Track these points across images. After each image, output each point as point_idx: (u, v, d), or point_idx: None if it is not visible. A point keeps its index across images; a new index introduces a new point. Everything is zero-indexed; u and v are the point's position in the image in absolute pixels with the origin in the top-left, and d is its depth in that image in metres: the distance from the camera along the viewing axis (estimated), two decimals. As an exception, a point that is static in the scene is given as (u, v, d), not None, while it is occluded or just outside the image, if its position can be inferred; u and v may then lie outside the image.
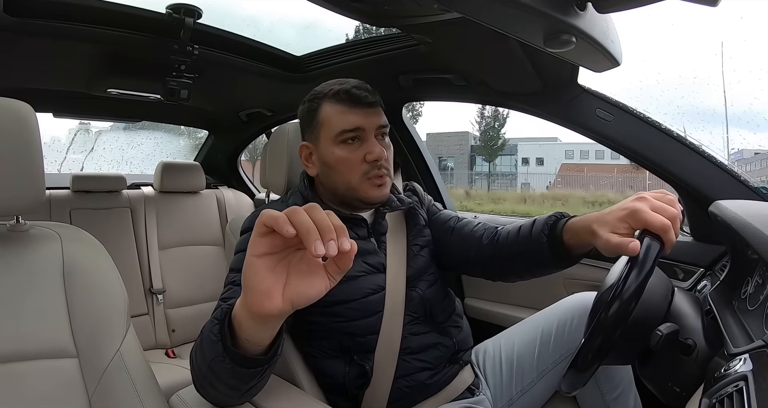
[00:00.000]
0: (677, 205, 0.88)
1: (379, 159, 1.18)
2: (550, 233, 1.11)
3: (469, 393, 1.29)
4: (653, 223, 0.84)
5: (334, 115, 1.19)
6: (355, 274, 1.19)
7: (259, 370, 0.82)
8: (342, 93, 1.18)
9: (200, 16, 1.61)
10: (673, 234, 0.84)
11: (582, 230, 1.02)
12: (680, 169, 1.41)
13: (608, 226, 0.91)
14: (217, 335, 0.79)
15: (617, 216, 0.90)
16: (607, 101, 1.49)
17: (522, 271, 1.26)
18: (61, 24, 1.48)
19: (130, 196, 2.59)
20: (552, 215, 1.15)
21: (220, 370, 0.80)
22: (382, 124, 1.22)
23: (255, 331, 0.76)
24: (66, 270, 0.98)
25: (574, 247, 1.08)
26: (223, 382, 0.85)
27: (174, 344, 2.48)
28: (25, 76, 1.95)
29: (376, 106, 1.21)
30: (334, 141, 1.19)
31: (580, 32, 0.90)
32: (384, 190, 1.22)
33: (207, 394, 0.92)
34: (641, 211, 0.86)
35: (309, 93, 1.26)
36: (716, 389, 0.76)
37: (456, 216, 1.40)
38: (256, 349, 0.79)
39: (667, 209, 0.86)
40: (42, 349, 0.91)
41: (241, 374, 0.80)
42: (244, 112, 2.68)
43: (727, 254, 1.28)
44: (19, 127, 0.93)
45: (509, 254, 1.23)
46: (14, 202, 0.93)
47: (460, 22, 1.10)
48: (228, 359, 0.78)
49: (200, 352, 0.85)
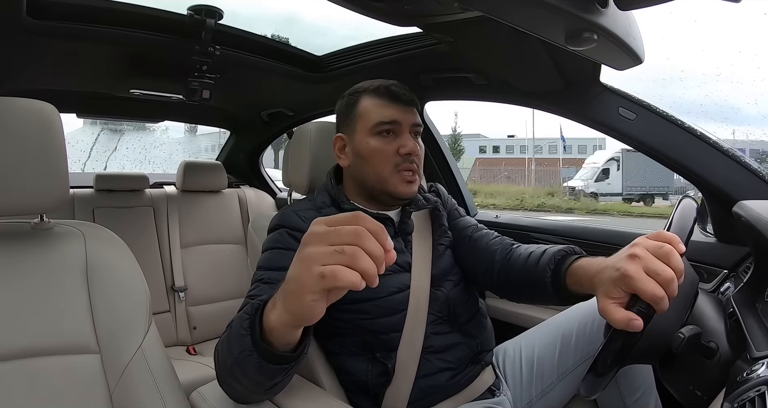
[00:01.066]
0: (675, 258, 0.78)
1: (412, 153, 1.21)
2: (556, 269, 1.10)
3: (490, 394, 1.28)
4: (644, 292, 0.77)
5: (373, 108, 1.23)
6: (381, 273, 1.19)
7: (285, 368, 0.83)
8: (382, 88, 1.23)
9: (221, 17, 1.62)
10: (666, 302, 0.77)
11: (583, 280, 0.99)
12: (704, 168, 1.38)
13: (603, 287, 0.85)
14: (246, 330, 0.80)
15: (611, 277, 0.83)
16: (629, 99, 1.47)
17: (524, 297, 1.27)
18: (84, 26, 1.50)
19: (153, 195, 2.63)
20: (561, 249, 1.12)
21: (247, 364, 0.81)
22: (417, 122, 1.25)
23: (290, 333, 0.78)
24: (89, 267, 0.99)
25: (576, 290, 1.05)
26: (247, 377, 0.85)
27: (195, 341, 2.51)
28: (48, 77, 1.98)
29: (412, 105, 1.25)
30: (369, 132, 1.22)
31: (602, 30, 0.89)
32: (413, 187, 1.24)
33: (230, 388, 0.93)
34: (633, 277, 0.78)
35: (349, 89, 1.30)
36: (738, 394, 0.75)
37: (475, 224, 1.40)
38: (285, 346, 0.80)
39: (662, 273, 0.77)
40: (64, 345, 0.93)
41: (267, 370, 0.81)
42: (266, 112, 2.69)
43: (751, 255, 1.26)
44: (44, 127, 0.94)
45: (515, 278, 1.22)
46: (39, 200, 0.95)
47: (480, 20, 1.10)
48: (256, 354, 0.79)
49: (227, 346, 0.86)
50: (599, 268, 0.91)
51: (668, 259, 0.78)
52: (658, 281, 0.77)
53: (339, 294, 0.69)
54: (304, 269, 0.66)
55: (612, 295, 0.83)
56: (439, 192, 1.46)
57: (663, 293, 0.76)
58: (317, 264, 0.65)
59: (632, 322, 0.77)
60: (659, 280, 0.77)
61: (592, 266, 0.96)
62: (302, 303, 0.68)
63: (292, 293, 0.70)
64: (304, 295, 0.68)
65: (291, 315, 0.73)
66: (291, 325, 0.76)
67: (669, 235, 0.82)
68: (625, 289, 0.81)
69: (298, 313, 0.71)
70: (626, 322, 0.78)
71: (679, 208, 0.91)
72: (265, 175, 3.30)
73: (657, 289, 0.76)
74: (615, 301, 0.82)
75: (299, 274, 0.68)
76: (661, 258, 0.79)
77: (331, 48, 1.98)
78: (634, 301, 0.80)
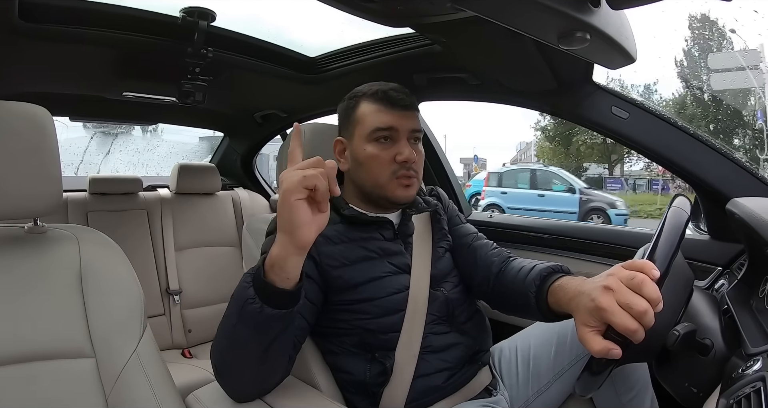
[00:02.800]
0: (647, 287, 0.78)
1: (408, 161, 1.20)
2: (540, 286, 1.11)
3: (487, 393, 1.29)
4: (617, 325, 0.78)
5: (370, 114, 1.22)
6: (381, 275, 1.21)
7: (283, 314, 0.89)
8: (380, 93, 1.22)
9: (214, 19, 1.61)
10: (641, 334, 0.77)
11: (562, 301, 1.00)
12: (697, 166, 1.39)
13: (580, 314, 0.87)
14: (249, 283, 0.89)
15: (587, 307, 0.85)
16: (622, 99, 1.48)
17: (513, 310, 1.27)
18: (76, 29, 1.50)
19: (147, 198, 2.62)
20: (548, 267, 1.14)
21: (247, 317, 0.88)
22: (416, 127, 1.24)
23: (290, 262, 0.87)
24: (83, 271, 0.99)
25: (557, 310, 1.06)
26: (244, 336, 0.91)
27: (190, 344, 2.50)
28: (41, 80, 1.97)
29: (411, 110, 1.24)
30: (367, 138, 1.22)
31: (595, 29, 0.89)
32: (411, 191, 1.24)
33: (227, 377, 0.98)
34: (606, 311, 0.80)
35: (350, 92, 1.29)
36: (734, 390, 0.76)
37: (476, 233, 1.42)
38: (285, 282, 0.88)
39: (635, 306, 0.78)
40: (59, 350, 0.93)
41: (267, 317, 0.87)
42: (259, 114, 2.69)
43: (744, 253, 1.27)
44: (37, 130, 0.94)
45: (506, 291, 1.24)
46: (32, 204, 0.95)
47: (473, 21, 1.10)
48: (258, 299, 0.86)
49: (228, 311, 0.93)
50: (577, 291, 0.92)
51: (641, 289, 0.79)
52: (632, 314, 0.78)
53: (322, 208, 0.86)
54: (288, 179, 0.83)
55: (588, 323, 0.85)
56: (440, 196, 1.47)
57: (636, 325, 0.77)
58: (299, 171, 0.83)
59: (611, 351, 0.79)
60: (632, 313, 0.78)
61: (570, 289, 0.97)
62: (290, 206, 0.82)
63: (281, 206, 0.84)
64: (290, 197, 0.82)
65: (286, 232, 0.85)
66: (289, 248, 0.86)
67: (641, 264, 0.82)
68: (600, 320, 0.82)
69: (288, 220, 0.84)
70: (605, 352, 0.80)
71: (670, 213, 0.90)
72: (259, 176, 3.30)
73: (630, 322, 0.78)
74: (592, 329, 0.84)
75: (285, 186, 0.82)
76: (635, 289, 0.80)
77: (324, 49, 1.98)
78: (611, 331, 0.81)
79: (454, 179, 2.25)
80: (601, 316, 0.81)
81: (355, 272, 1.18)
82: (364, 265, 1.20)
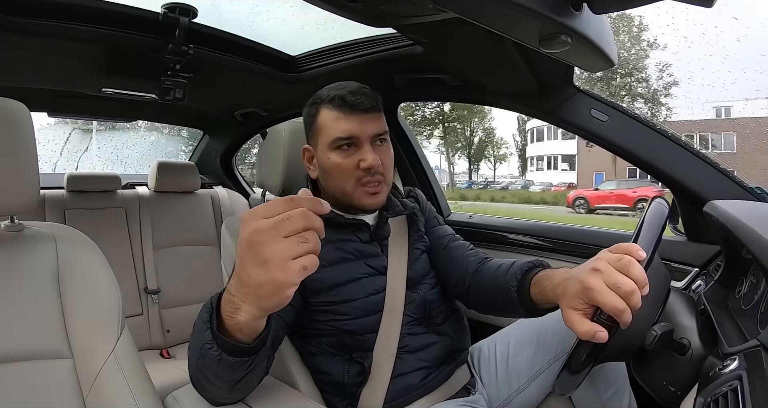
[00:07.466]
0: (634, 269, 0.80)
1: (372, 167, 1.18)
2: (522, 279, 1.12)
3: (466, 392, 1.29)
4: (605, 305, 0.79)
5: (330, 122, 1.20)
6: (358, 276, 1.21)
7: (246, 361, 0.83)
8: (337, 99, 1.19)
9: (195, 16, 1.60)
10: (628, 315, 0.78)
11: (547, 289, 1.01)
12: (675, 169, 1.41)
13: (566, 298, 0.88)
14: (206, 323, 0.81)
15: (574, 289, 0.86)
16: (602, 101, 1.49)
17: (492, 308, 1.28)
18: (55, 23, 1.47)
19: (125, 196, 2.58)
20: (529, 261, 1.15)
21: (209, 357, 0.81)
22: (378, 131, 1.22)
23: (260, 324, 0.79)
24: (60, 270, 0.98)
25: (541, 301, 1.07)
26: (211, 371, 0.86)
27: (169, 344, 2.47)
28: (19, 75, 1.94)
29: (372, 112, 1.21)
30: (329, 147, 1.20)
31: (576, 33, 0.90)
32: (378, 198, 1.23)
33: (201, 388, 0.93)
34: (594, 290, 0.81)
35: (312, 95, 1.27)
36: (711, 388, 0.77)
37: (452, 234, 1.42)
38: (244, 337, 0.80)
39: (622, 286, 0.79)
40: (36, 350, 0.91)
41: (227, 363, 0.81)
42: (239, 112, 2.67)
43: (721, 254, 1.29)
44: (14, 126, 0.93)
45: (484, 289, 1.24)
46: (9, 202, 0.93)
47: (455, 22, 1.10)
48: (216, 346, 0.80)
49: (192, 341, 0.86)
50: (562, 278, 0.93)
51: (628, 270, 0.80)
52: (619, 294, 0.79)
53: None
54: (279, 269, 0.66)
55: (575, 306, 0.85)
56: (417, 198, 1.47)
57: (624, 305, 0.78)
58: (290, 259, 0.66)
59: (598, 334, 0.80)
60: (620, 293, 0.79)
61: (556, 276, 0.98)
62: (281, 298, 0.69)
63: (268, 295, 0.69)
64: (285, 291, 0.68)
65: (265, 311, 0.75)
66: (262, 317, 0.78)
67: (627, 246, 0.84)
68: (587, 302, 0.83)
69: (275, 307, 0.73)
70: (591, 334, 0.81)
71: (650, 210, 0.92)
72: (238, 175, 3.28)
73: (618, 301, 0.78)
74: (579, 311, 0.85)
75: (272, 275, 0.67)
76: (621, 270, 0.80)
77: (306, 48, 1.97)
78: (597, 313, 0.82)
79: (433, 180, 2.25)
80: (588, 296, 0.82)
81: (333, 273, 1.18)
82: (342, 266, 1.20)
